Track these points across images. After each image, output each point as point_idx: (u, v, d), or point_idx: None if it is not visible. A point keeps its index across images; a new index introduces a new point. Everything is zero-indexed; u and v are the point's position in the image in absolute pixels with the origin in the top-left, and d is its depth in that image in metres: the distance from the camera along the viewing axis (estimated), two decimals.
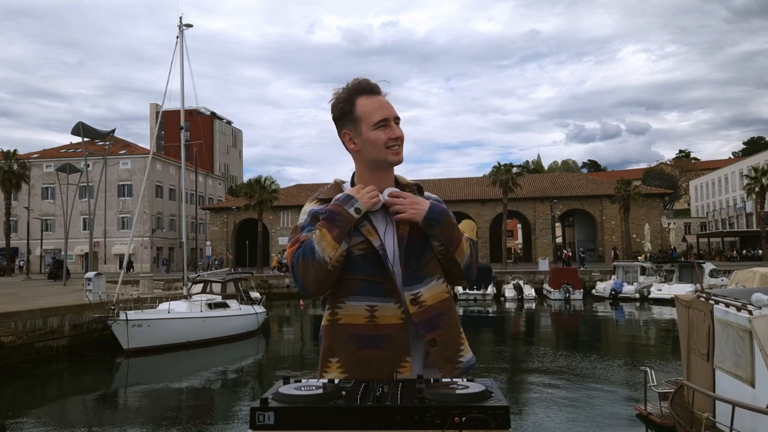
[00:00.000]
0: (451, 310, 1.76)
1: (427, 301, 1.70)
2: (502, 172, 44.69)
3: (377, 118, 1.72)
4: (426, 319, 1.69)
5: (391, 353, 1.65)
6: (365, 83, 1.75)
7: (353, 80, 1.77)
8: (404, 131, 1.78)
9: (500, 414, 1.26)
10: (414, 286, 1.70)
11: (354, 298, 1.69)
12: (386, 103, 1.76)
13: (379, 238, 1.70)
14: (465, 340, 1.78)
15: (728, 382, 6.76)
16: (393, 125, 1.73)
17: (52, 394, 13.13)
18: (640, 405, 9.34)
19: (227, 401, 12.71)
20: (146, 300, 20.17)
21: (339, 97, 1.76)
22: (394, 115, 1.74)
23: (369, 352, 1.65)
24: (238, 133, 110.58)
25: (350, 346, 1.68)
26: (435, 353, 1.69)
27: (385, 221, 1.75)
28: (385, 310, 1.67)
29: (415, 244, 1.73)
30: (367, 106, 1.73)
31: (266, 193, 45.92)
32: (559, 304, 30.27)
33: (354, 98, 1.74)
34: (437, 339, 1.69)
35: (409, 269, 1.71)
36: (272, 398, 1.33)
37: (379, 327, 1.66)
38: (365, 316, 1.68)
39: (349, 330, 1.68)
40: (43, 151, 61.58)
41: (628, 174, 76.93)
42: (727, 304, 6.82)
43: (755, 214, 51.84)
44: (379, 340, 1.66)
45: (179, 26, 22.72)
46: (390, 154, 1.74)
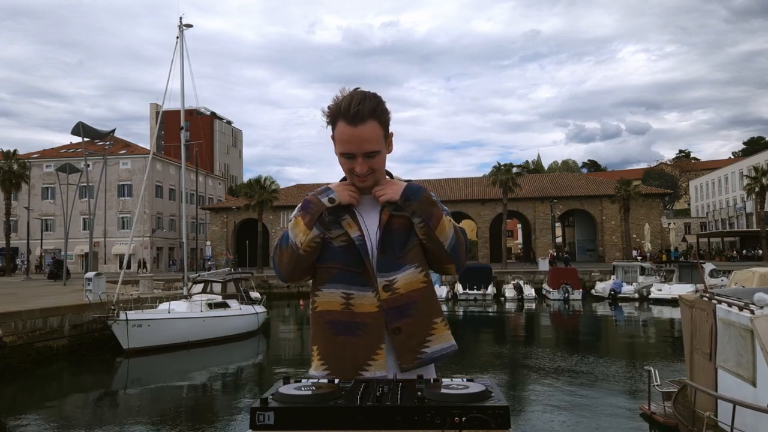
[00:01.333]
0: (425, 300, 1.76)
1: (401, 289, 1.72)
2: (502, 172, 44.70)
3: (342, 150, 1.72)
4: (395, 307, 1.71)
5: (366, 340, 1.69)
6: (349, 109, 1.67)
7: (345, 97, 1.71)
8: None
9: (500, 414, 1.26)
10: (390, 273, 1.73)
11: (330, 286, 1.74)
12: (358, 138, 1.68)
13: (359, 229, 1.74)
14: (439, 331, 1.77)
15: (730, 381, 6.79)
16: (359, 160, 1.71)
17: (52, 394, 13.13)
18: (645, 405, 9.38)
19: (227, 401, 12.71)
20: (146, 300, 20.18)
21: (329, 107, 1.73)
22: (362, 151, 1.69)
23: (345, 338, 1.70)
24: (238, 133, 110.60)
25: (327, 332, 1.73)
26: (397, 341, 1.70)
27: (376, 216, 1.79)
28: (362, 298, 1.71)
29: (398, 232, 1.76)
30: (341, 134, 1.70)
31: (266, 193, 45.92)
32: (558, 304, 30.28)
33: (336, 118, 1.71)
34: (402, 328, 1.71)
35: (390, 256, 1.74)
36: (272, 398, 1.33)
37: (355, 315, 1.71)
38: (340, 303, 1.72)
39: (325, 317, 1.74)
40: (43, 151, 61.60)
41: (628, 174, 76.93)
42: (730, 303, 6.85)
43: (755, 214, 51.84)
44: (356, 327, 1.70)
45: (179, 26, 22.73)
46: (356, 180, 1.76)
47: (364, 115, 1.67)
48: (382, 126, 1.72)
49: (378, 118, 1.70)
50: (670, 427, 8.24)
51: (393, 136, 1.82)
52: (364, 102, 1.68)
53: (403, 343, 1.70)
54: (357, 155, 1.71)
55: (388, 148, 1.81)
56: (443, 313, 1.83)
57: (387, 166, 1.85)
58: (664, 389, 8.93)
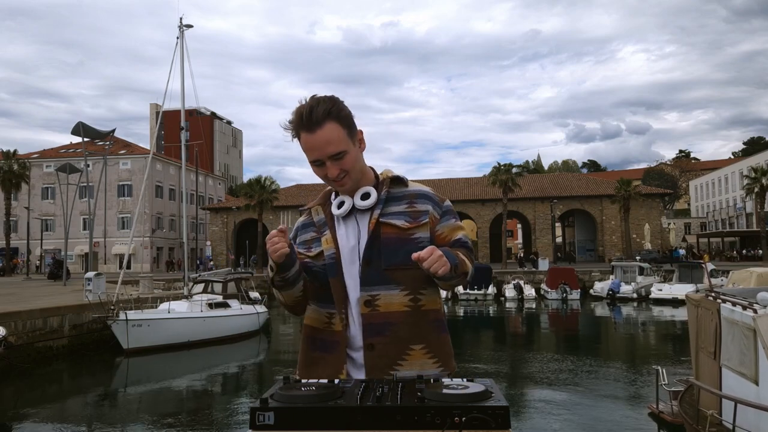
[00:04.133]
0: (405, 324, 1.69)
1: (381, 307, 1.69)
2: (502, 172, 44.72)
3: (310, 158, 1.70)
4: (372, 323, 1.68)
5: (335, 358, 1.71)
6: (302, 116, 1.65)
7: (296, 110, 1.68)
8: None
9: (500, 414, 1.26)
10: (374, 287, 1.69)
11: (318, 305, 1.78)
12: (320, 141, 1.64)
13: (335, 246, 1.74)
14: (416, 358, 1.69)
15: (734, 380, 6.84)
16: (328, 164, 1.68)
17: (52, 394, 13.13)
18: (653, 404, 9.43)
19: (227, 401, 12.70)
20: (147, 300, 20.18)
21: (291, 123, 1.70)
22: (327, 155, 1.66)
23: (318, 354, 1.75)
24: (238, 133, 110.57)
25: (308, 347, 1.79)
26: (369, 357, 1.67)
27: (356, 226, 1.76)
28: (336, 317, 1.73)
29: (387, 241, 1.71)
30: (304, 143, 1.68)
31: (266, 193, 45.94)
32: (557, 304, 30.31)
33: (298, 130, 1.68)
34: (375, 345, 1.68)
35: (376, 268, 1.69)
36: (272, 398, 1.33)
37: (333, 333, 1.73)
38: (323, 321, 1.76)
39: (309, 332, 1.80)
40: (43, 151, 61.62)
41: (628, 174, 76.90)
42: (734, 303, 6.90)
43: (755, 214, 51.86)
44: (330, 345, 1.73)
45: (180, 27, 22.75)
46: (335, 185, 1.76)
47: (319, 118, 1.64)
48: (342, 125, 1.67)
49: (335, 118, 1.66)
50: (677, 426, 8.26)
51: (362, 133, 1.77)
52: (318, 106, 1.65)
53: (374, 361, 1.67)
54: (324, 160, 1.68)
55: (360, 146, 1.76)
56: (431, 343, 1.72)
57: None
58: (672, 388, 8.95)
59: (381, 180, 1.82)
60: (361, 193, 1.75)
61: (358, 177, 1.75)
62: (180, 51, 22.47)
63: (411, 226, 1.73)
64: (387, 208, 1.75)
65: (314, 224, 1.83)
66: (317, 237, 1.79)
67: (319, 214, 1.84)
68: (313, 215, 1.86)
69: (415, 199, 1.78)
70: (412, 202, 1.77)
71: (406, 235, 1.71)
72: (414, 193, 1.79)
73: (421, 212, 1.75)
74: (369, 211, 1.75)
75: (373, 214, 1.74)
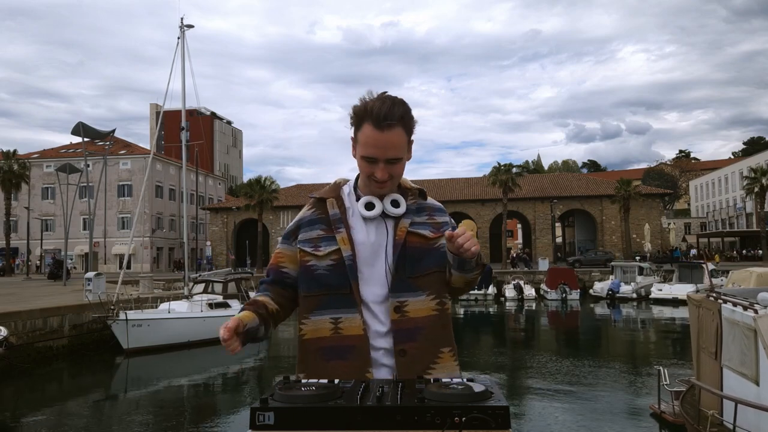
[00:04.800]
0: (434, 327, 1.70)
1: (410, 313, 1.68)
2: (502, 172, 44.73)
3: (365, 154, 1.68)
4: (403, 329, 1.67)
5: (355, 363, 1.65)
6: (379, 112, 1.63)
7: (374, 99, 1.68)
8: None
9: (500, 414, 1.26)
10: (402, 294, 1.69)
11: (318, 313, 1.71)
12: (384, 143, 1.64)
13: (351, 248, 1.70)
14: (445, 360, 1.71)
15: (735, 380, 6.86)
16: (381, 166, 1.67)
17: (52, 394, 13.14)
18: (654, 404, 9.44)
19: (227, 401, 12.71)
20: (147, 300, 20.19)
21: (356, 108, 1.70)
22: (386, 157, 1.66)
23: (335, 363, 1.66)
24: (238, 133, 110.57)
25: (318, 359, 1.69)
26: (401, 363, 1.65)
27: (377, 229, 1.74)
28: (350, 321, 1.67)
29: (413, 251, 1.72)
30: (366, 137, 1.66)
31: (266, 193, 45.95)
32: (556, 304, 30.33)
33: (363, 120, 1.67)
34: (408, 350, 1.66)
35: (403, 275, 1.70)
36: (272, 398, 1.32)
37: (344, 338, 1.67)
38: (329, 329, 1.69)
39: (314, 344, 1.70)
40: (43, 151, 61.60)
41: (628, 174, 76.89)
42: (735, 303, 6.92)
43: (755, 214, 51.86)
44: (346, 350, 1.66)
45: (180, 27, 22.76)
46: (373, 185, 1.73)
47: (395, 120, 1.64)
48: (407, 133, 1.70)
49: (405, 125, 1.67)
50: (679, 426, 8.27)
51: (413, 143, 1.79)
52: (394, 107, 1.65)
53: (407, 367, 1.65)
54: (379, 160, 1.67)
55: (408, 155, 1.77)
56: (454, 346, 1.76)
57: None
58: (674, 388, 8.96)
59: (405, 188, 1.82)
60: (391, 200, 1.75)
61: (393, 188, 1.76)
62: (181, 51, 22.49)
63: (435, 236, 1.76)
64: (413, 218, 1.77)
65: (323, 220, 1.76)
66: (326, 235, 1.73)
67: (334, 208, 1.77)
68: (328, 207, 1.78)
69: (434, 212, 1.82)
70: (431, 215, 1.81)
71: (430, 244, 1.75)
72: (432, 206, 1.84)
73: (441, 224, 1.79)
74: (395, 218, 1.75)
75: (402, 223, 1.74)
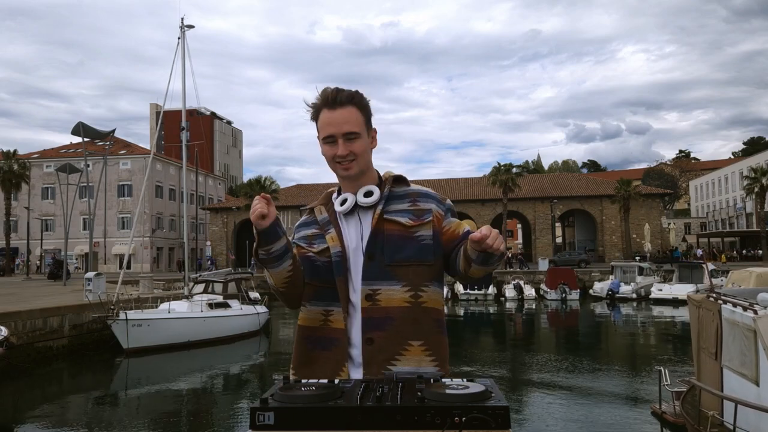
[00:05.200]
0: (405, 319, 1.68)
1: (381, 302, 1.69)
2: (502, 172, 44.77)
3: (324, 135, 1.74)
4: (372, 318, 1.68)
5: (335, 355, 1.69)
6: (327, 95, 1.73)
7: (321, 92, 1.76)
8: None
9: (500, 414, 1.26)
10: (375, 282, 1.69)
11: (313, 303, 1.76)
12: (338, 118, 1.71)
13: (341, 243, 1.74)
14: (414, 354, 1.68)
15: (735, 380, 6.86)
16: (339, 142, 1.71)
17: (52, 394, 13.14)
18: (655, 404, 9.44)
19: (227, 401, 12.70)
20: (147, 300, 20.18)
21: (312, 105, 1.78)
22: (342, 132, 1.70)
23: (317, 352, 1.73)
24: (238, 133, 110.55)
25: (304, 347, 1.76)
26: (367, 351, 1.67)
27: (359, 223, 1.77)
28: (337, 314, 1.71)
29: (390, 239, 1.72)
30: (322, 121, 1.74)
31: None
32: (556, 304, 30.34)
33: (319, 110, 1.75)
34: (375, 339, 1.67)
35: (379, 263, 1.70)
36: (272, 398, 1.33)
37: (330, 330, 1.72)
38: (320, 320, 1.74)
39: (305, 332, 1.77)
40: (43, 151, 61.59)
41: (628, 174, 76.90)
42: (734, 303, 6.93)
43: (755, 214, 51.87)
44: (329, 342, 1.71)
45: (181, 27, 22.75)
46: (339, 169, 1.75)
47: (343, 100, 1.72)
48: (362, 113, 1.74)
49: (357, 104, 1.74)
50: (680, 427, 8.28)
51: (377, 133, 1.82)
52: (342, 91, 1.74)
53: (372, 356, 1.67)
54: (337, 137, 1.71)
55: (372, 143, 1.80)
56: (429, 340, 1.70)
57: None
58: (675, 389, 8.96)
59: (384, 180, 1.83)
60: (364, 191, 1.76)
61: (364, 168, 1.77)
62: (181, 51, 22.49)
63: (414, 224, 1.74)
64: (390, 206, 1.76)
65: (317, 223, 1.82)
66: (320, 233, 1.78)
67: (322, 213, 1.83)
68: (316, 214, 1.84)
69: (418, 197, 1.79)
70: (415, 201, 1.78)
71: (410, 232, 1.73)
72: (416, 191, 1.81)
73: (424, 210, 1.76)
74: (372, 208, 1.76)
75: (376, 210, 1.75)
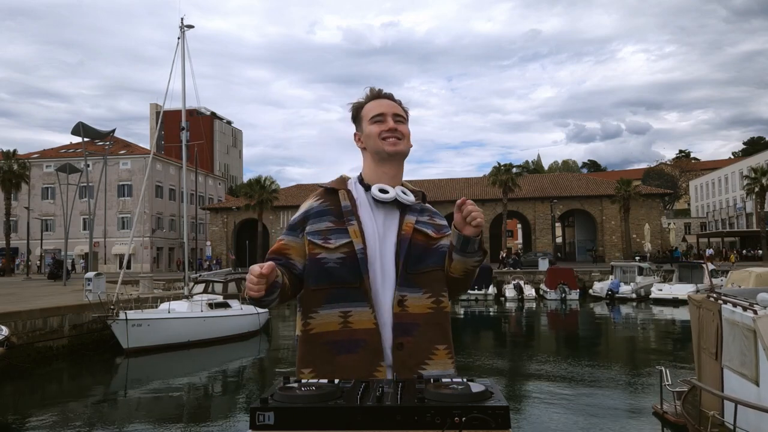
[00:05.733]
0: (429, 324, 1.73)
1: (410, 308, 1.71)
2: (502, 172, 44.78)
3: (373, 113, 1.85)
4: (401, 323, 1.70)
5: (367, 357, 1.65)
6: (375, 91, 1.91)
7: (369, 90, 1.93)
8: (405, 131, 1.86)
9: (500, 414, 1.26)
10: (404, 289, 1.72)
11: (327, 307, 1.70)
12: (387, 103, 1.87)
13: (362, 241, 1.71)
14: (440, 357, 1.73)
15: (735, 380, 6.87)
16: (388, 119, 1.83)
17: (52, 394, 13.13)
18: (657, 404, 9.45)
19: (227, 401, 12.71)
20: (147, 300, 20.18)
21: (355, 104, 1.92)
22: (392, 112, 1.85)
23: (345, 357, 1.66)
24: (238, 133, 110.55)
25: (326, 353, 1.68)
26: (398, 357, 1.67)
27: (385, 222, 1.77)
28: (360, 314, 1.68)
29: (416, 248, 1.76)
30: (369, 106, 1.88)
31: (266, 193, 46.01)
32: (556, 304, 30.35)
33: (363, 106, 1.90)
34: (405, 344, 1.68)
35: (404, 270, 1.73)
36: (272, 398, 1.33)
37: (354, 332, 1.67)
38: (339, 323, 1.68)
39: (323, 338, 1.69)
40: (43, 151, 61.56)
41: (628, 174, 76.89)
42: (735, 303, 6.93)
43: (755, 214, 51.86)
44: (356, 344, 1.66)
45: (180, 27, 22.74)
46: (385, 145, 1.81)
47: (391, 96, 1.91)
48: (405, 113, 1.91)
49: (402, 106, 1.92)
50: (681, 427, 8.28)
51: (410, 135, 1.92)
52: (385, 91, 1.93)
53: (403, 360, 1.68)
54: (387, 115, 1.84)
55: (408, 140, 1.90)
56: (450, 344, 1.78)
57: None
58: (676, 389, 8.96)
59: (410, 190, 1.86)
60: (402, 189, 1.82)
61: (406, 153, 1.87)
62: (181, 51, 22.49)
63: (437, 236, 1.81)
64: (418, 217, 1.82)
65: (332, 212, 1.75)
66: (336, 228, 1.72)
67: (345, 200, 1.78)
68: (340, 199, 1.78)
69: (434, 215, 1.89)
70: (432, 217, 1.87)
71: (431, 244, 1.79)
72: (432, 210, 1.91)
73: (442, 226, 1.86)
74: (400, 212, 1.79)
75: (408, 219, 1.79)
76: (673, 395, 8.86)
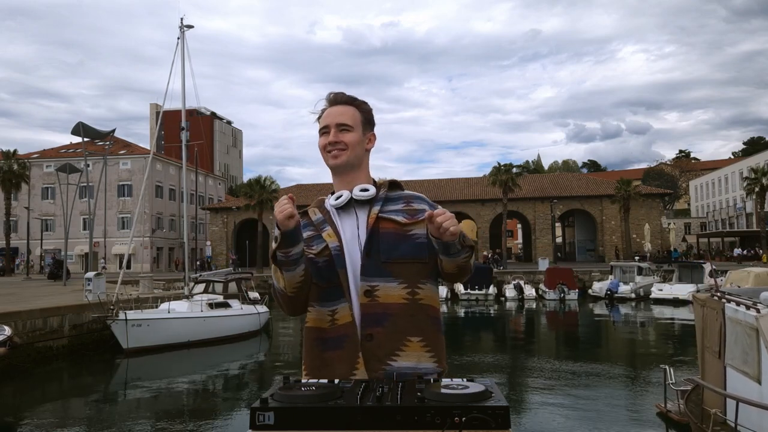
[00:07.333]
0: (403, 315, 1.70)
1: (380, 298, 1.70)
2: (502, 172, 44.74)
3: (320, 126, 1.87)
4: (371, 314, 1.69)
5: (347, 352, 1.69)
6: (331, 96, 1.88)
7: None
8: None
9: (500, 414, 1.26)
10: (373, 278, 1.72)
11: (319, 304, 1.77)
12: (335, 112, 1.85)
13: (338, 239, 1.76)
14: (413, 349, 1.69)
15: (738, 379, 6.90)
16: (331, 131, 1.82)
17: (52, 394, 13.14)
18: (660, 403, 9.46)
19: (227, 401, 12.71)
20: (147, 300, 20.18)
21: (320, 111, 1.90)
22: (335, 122, 1.83)
23: (331, 353, 1.71)
24: (238, 133, 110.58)
25: (316, 348, 1.75)
26: (367, 348, 1.68)
27: (354, 218, 1.80)
28: (342, 310, 1.72)
29: (386, 236, 1.75)
30: (322, 117, 1.88)
31: (266, 193, 45.96)
32: (555, 304, 30.36)
33: (323, 111, 1.88)
34: (374, 335, 1.68)
35: (375, 260, 1.73)
36: (272, 398, 1.33)
37: (338, 327, 1.72)
38: (328, 321, 1.74)
39: (314, 333, 1.77)
40: (43, 151, 61.59)
41: (628, 174, 76.86)
42: (738, 302, 6.95)
43: (755, 214, 51.86)
44: (340, 340, 1.70)
45: (180, 27, 22.74)
46: (329, 158, 1.84)
47: (343, 100, 1.87)
48: (359, 113, 1.86)
49: (356, 105, 1.87)
50: (684, 425, 8.29)
51: (375, 138, 1.91)
52: (344, 94, 1.89)
53: (372, 352, 1.67)
54: (330, 127, 1.82)
55: (367, 144, 1.88)
56: (428, 337, 1.73)
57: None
58: (680, 387, 8.96)
59: (379, 184, 1.89)
60: (360, 187, 1.82)
61: (353, 162, 1.84)
62: (181, 51, 22.48)
63: (409, 222, 1.77)
64: (385, 207, 1.81)
65: (311, 224, 1.84)
66: (317, 234, 1.80)
67: (317, 214, 1.86)
68: (310, 215, 1.87)
69: (411, 200, 1.84)
70: (408, 202, 1.82)
71: (405, 230, 1.77)
72: (409, 195, 1.86)
73: (418, 210, 1.80)
74: (367, 206, 1.80)
75: (372, 210, 1.79)
76: (677, 394, 8.86)
